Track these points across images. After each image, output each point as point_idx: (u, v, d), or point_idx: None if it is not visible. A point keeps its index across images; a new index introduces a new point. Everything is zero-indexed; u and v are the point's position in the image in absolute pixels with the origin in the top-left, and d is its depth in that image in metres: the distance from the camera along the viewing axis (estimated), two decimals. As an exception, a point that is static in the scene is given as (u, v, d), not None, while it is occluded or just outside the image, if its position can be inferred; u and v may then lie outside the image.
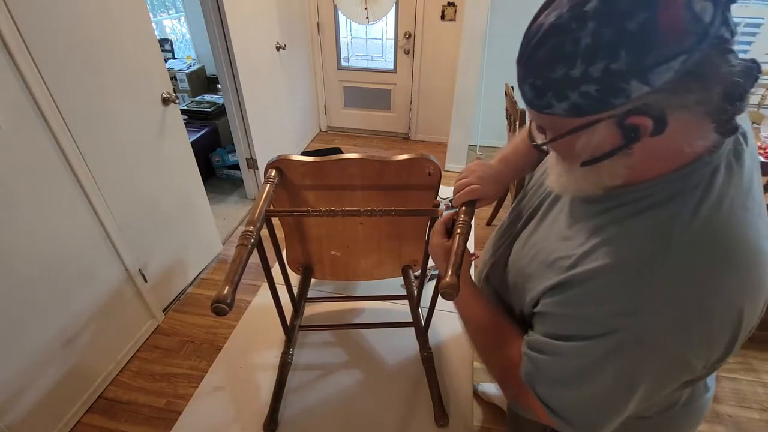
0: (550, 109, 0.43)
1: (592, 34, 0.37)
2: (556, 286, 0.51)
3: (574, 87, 0.40)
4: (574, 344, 0.48)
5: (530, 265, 0.58)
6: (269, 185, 0.78)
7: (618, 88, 0.38)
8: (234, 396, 0.88)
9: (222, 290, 0.53)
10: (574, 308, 0.49)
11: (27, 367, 1.32)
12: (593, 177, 0.48)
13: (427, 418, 0.83)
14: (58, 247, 1.37)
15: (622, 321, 0.45)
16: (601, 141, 0.44)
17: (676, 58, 0.36)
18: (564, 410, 0.52)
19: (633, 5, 0.36)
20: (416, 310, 1.01)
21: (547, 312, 0.53)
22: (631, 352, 0.45)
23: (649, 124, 0.40)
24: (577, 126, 0.43)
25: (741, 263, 0.43)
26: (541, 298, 0.54)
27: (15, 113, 1.19)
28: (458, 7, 3.14)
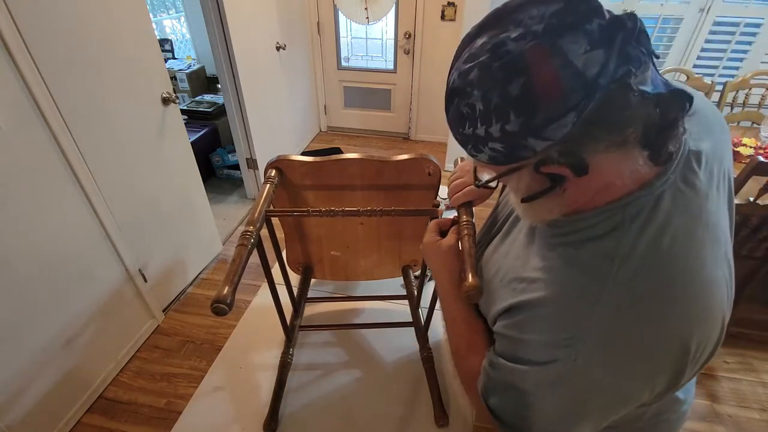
0: (475, 157, 0.44)
1: (481, 99, 0.39)
2: (509, 308, 0.52)
3: (483, 143, 0.41)
4: (520, 367, 0.49)
5: (492, 282, 0.59)
6: (269, 185, 0.78)
7: (520, 144, 0.39)
8: (234, 396, 0.88)
9: (222, 290, 0.53)
10: (520, 333, 0.50)
11: (27, 367, 1.32)
12: (532, 212, 0.50)
13: (427, 418, 0.83)
14: (58, 247, 1.37)
15: (560, 352, 0.45)
16: (529, 183, 0.45)
17: (566, 116, 0.36)
18: (513, 426, 0.53)
19: (508, 72, 0.37)
20: (416, 310, 1.02)
21: (500, 332, 0.54)
22: (570, 382, 0.45)
23: (567, 172, 0.41)
24: (500, 173, 0.46)
25: (682, 296, 0.43)
26: (498, 317, 0.55)
27: (15, 113, 1.19)
28: (458, 7, 3.14)
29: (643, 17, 0.48)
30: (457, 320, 0.66)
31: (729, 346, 1.85)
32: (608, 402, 0.46)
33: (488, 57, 0.38)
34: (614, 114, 0.37)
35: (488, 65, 0.38)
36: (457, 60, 0.43)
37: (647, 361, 0.43)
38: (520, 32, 0.37)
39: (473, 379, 0.59)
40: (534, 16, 0.37)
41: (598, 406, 0.47)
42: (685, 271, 0.43)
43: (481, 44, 0.40)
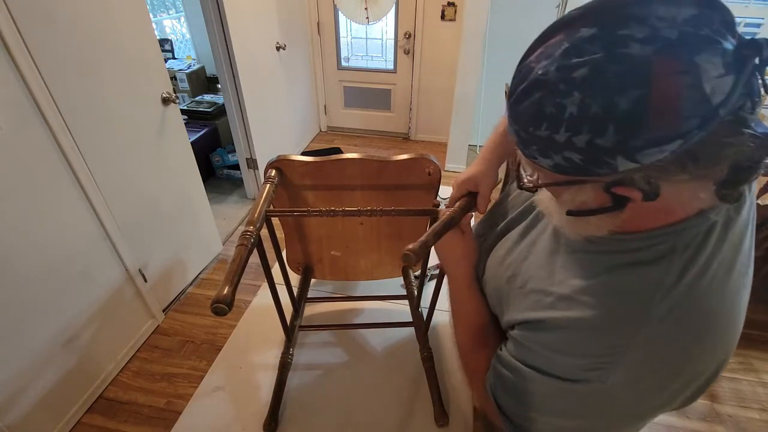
0: (534, 160, 0.40)
1: (578, 104, 0.33)
2: (533, 322, 0.51)
3: (557, 150, 0.36)
4: (541, 376, 0.49)
5: (507, 287, 0.58)
6: (269, 185, 0.78)
7: (603, 161, 0.34)
8: (234, 396, 0.88)
9: (222, 290, 0.53)
10: (547, 350, 0.49)
11: (27, 367, 1.32)
12: (576, 227, 0.46)
13: (427, 418, 0.83)
14: (58, 247, 1.37)
15: (591, 375, 0.45)
16: (588, 199, 0.41)
17: (671, 143, 0.32)
18: (520, 425, 0.54)
19: (625, 80, 0.32)
20: (416, 310, 1.01)
21: (520, 341, 0.53)
22: (593, 401, 0.46)
23: (638, 196, 0.37)
24: (563, 181, 0.41)
25: (715, 333, 0.42)
26: (516, 325, 0.54)
27: (15, 113, 1.19)
28: (458, 7, 3.14)
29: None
30: (469, 313, 0.66)
31: (729, 346, 1.85)
32: (624, 421, 0.48)
33: (604, 56, 0.32)
34: (716, 148, 0.33)
35: (603, 67, 0.32)
36: (544, 45, 0.37)
37: (668, 389, 0.44)
38: (647, 34, 0.31)
39: (480, 373, 0.60)
40: (663, 18, 0.31)
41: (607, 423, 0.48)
42: (719, 309, 0.42)
43: (590, 36, 0.33)
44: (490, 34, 3.11)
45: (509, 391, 0.54)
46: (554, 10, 3.01)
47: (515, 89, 0.39)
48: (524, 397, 0.52)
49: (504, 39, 3.17)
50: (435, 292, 0.84)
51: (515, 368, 0.52)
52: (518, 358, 0.52)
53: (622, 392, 0.44)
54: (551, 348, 0.48)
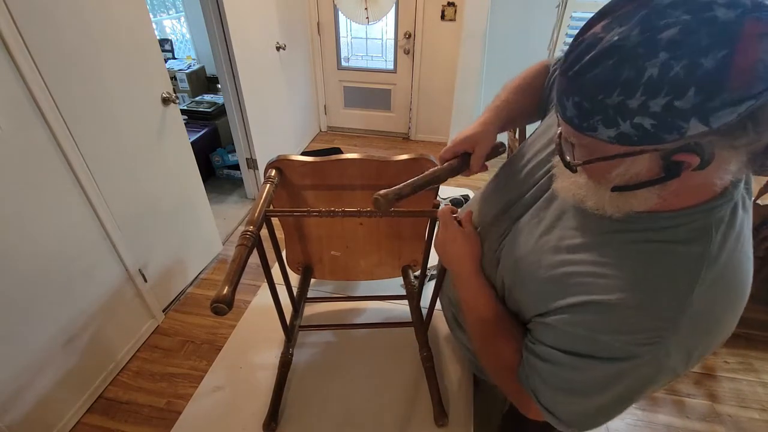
0: (592, 133, 0.40)
1: (660, 65, 0.34)
2: (576, 305, 0.50)
3: (627, 117, 0.37)
4: (587, 361, 0.50)
5: (532, 276, 0.57)
6: (269, 185, 0.78)
7: (675, 125, 0.35)
8: (234, 396, 0.88)
9: (221, 290, 0.52)
10: (593, 332, 0.49)
11: (27, 367, 1.33)
12: (621, 202, 0.46)
13: (427, 418, 0.83)
14: (58, 247, 1.37)
15: (642, 350, 0.46)
16: (640, 171, 0.42)
17: (743, 103, 0.33)
18: (563, 413, 0.54)
19: (712, 41, 0.33)
20: (416, 310, 1.01)
21: (558, 327, 0.52)
22: (645, 373, 0.48)
23: (695, 162, 0.38)
24: (619, 154, 0.41)
25: (741, 303, 0.47)
26: (551, 312, 0.53)
27: (15, 113, 1.19)
28: (458, 7, 3.14)
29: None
30: (482, 308, 0.65)
31: (729, 346, 1.85)
32: (664, 382, 0.50)
33: (692, 19, 0.33)
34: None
35: (692, 28, 0.33)
36: (611, 16, 0.38)
37: (707, 351, 0.48)
38: (728, 0, 0.33)
39: (506, 367, 0.60)
40: None
41: (655, 387, 0.50)
42: (746, 280, 0.47)
43: (671, 3, 0.35)
44: (490, 34, 3.11)
45: (550, 383, 0.54)
46: (554, 10, 3.01)
47: (578, 61, 0.39)
48: (568, 385, 0.52)
49: (504, 39, 3.17)
50: (435, 291, 0.84)
51: (555, 357, 0.52)
52: (557, 347, 0.52)
53: (670, 362, 0.46)
54: (598, 329, 0.48)
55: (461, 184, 3.13)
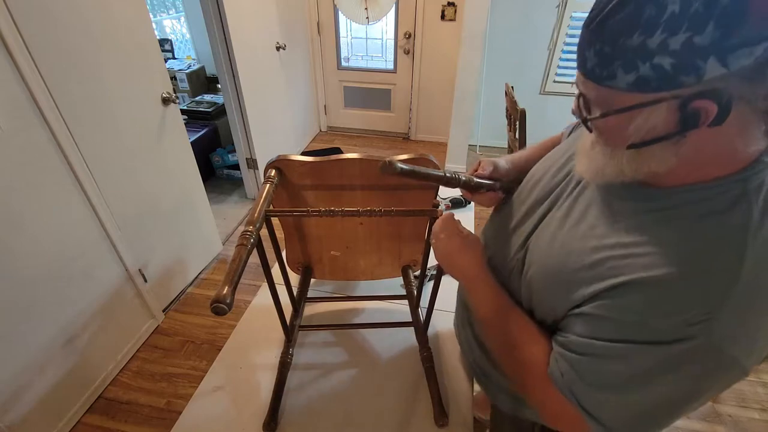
0: (612, 81, 0.41)
1: (681, 1, 0.35)
2: (616, 287, 0.47)
3: (647, 58, 0.38)
4: (632, 347, 0.46)
5: (564, 267, 0.54)
6: (269, 185, 0.78)
7: (694, 65, 0.36)
8: (234, 396, 0.88)
9: (221, 290, 0.53)
10: (637, 314, 0.46)
11: (27, 367, 1.32)
12: (639, 162, 0.46)
13: (427, 418, 0.83)
14: (58, 247, 1.37)
15: (693, 330, 0.43)
16: (657, 124, 0.42)
17: (760, 44, 0.34)
18: (608, 417, 0.49)
19: None
20: (416, 310, 1.02)
21: (596, 315, 0.49)
22: (699, 361, 0.44)
23: (713, 111, 0.38)
24: (637, 104, 0.41)
25: None
26: (589, 301, 0.50)
27: (15, 113, 1.19)
28: (458, 7, 3.14)
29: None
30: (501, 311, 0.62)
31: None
32: (726, 376, 0.45)
33: None
34: None
35: None
36: None
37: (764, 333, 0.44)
38: None
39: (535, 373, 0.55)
40: None
41: (712, 385, 0.45)
42: None
43: None
44: (490, 34, 3.11)
45: (592, 380, 0.49)
46: (554, 10, 3.01)
47: (602, 10, 0.40)
48: (613, 379, 0.47)
49: (504, 39, 3.17)
50: (434, 292, 0.84)
51: (595, 349, 0.48)
52: (597, 336, 0.48)
53: (730, 349, 0.43)
54: (642, 310, 0.45)
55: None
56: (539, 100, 3.39)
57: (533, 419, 0.72)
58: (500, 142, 3.59)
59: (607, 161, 0.49)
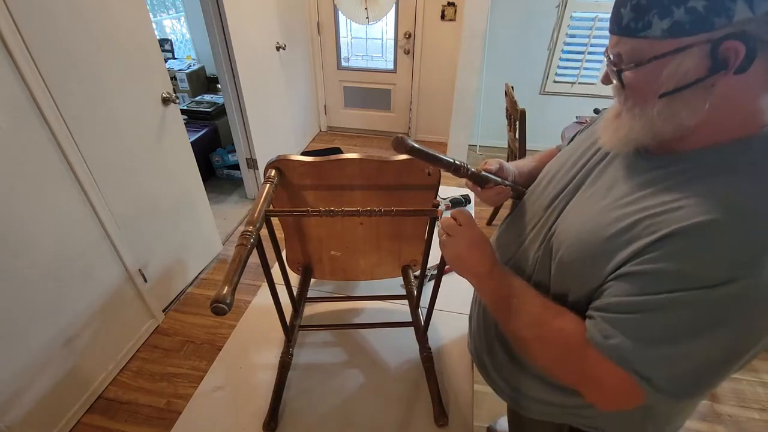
0: (647, 31, 0.45)
1: None
2: (649, 245, 0.47)
3: (681, 2, 0.42)
4: (681, 295, 0.45)
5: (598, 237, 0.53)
6: (269, 185, 0.78)
7: (724, 5, 0.40)
8: (234, 396, 0.88)
9: (221, 290, 0.52)
10: (681, 262, 0.45)
11: (27, 367, 1.33)
12: (670, 112, 0.48)
13: (427, 418, 0.83)
14: (58, 247, 1.37)
15: (740, 271, 0.42)
16: (689, 69, 0.45)
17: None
18: (661, 376, 0.47)
19: None
20: (416, 310, 1.02)
21: (638, 271, 0.48)
22: (746, 300, 0.43)
23: (742, 51, 0.42)
24: (672, 50, 0.45)
25: None
26: (624, 263, 0.49)
27: (15, 113, 1.19)
28: (458, 7, 3.14)
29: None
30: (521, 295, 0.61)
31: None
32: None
33: None
34: None
35: None
36: None
37: None
38: None
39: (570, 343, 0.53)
40: None
41: (762, 327, 0.45)
42: None
43: None
44: (490, 34, 3.11)
45: (642, 336, 0.47)
46: (554, 10, 3.01)
47: None
48: (666, 332, 0.46)
49: (504, 39, 3.17)
50: (434, 292, 0.84)
51: (643, 304, 0.47)
52: (640, 292, 0.47)
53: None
54: (686, 259, 0.45)
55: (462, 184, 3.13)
56: (539, 100, 3.39)
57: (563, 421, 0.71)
58: (500, 142, 3.58)
59: (636, 122, 0.51)
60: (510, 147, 2.38)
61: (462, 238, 0.65)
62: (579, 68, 3.22)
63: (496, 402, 1.60)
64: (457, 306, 1.08)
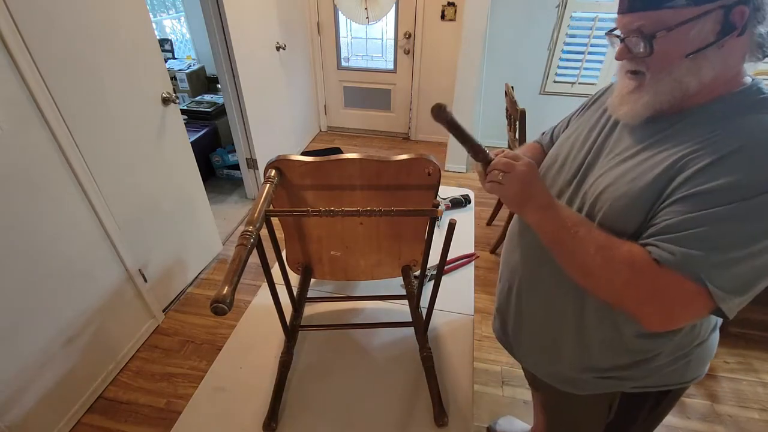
0: (672, 1, 0.52)
1: None
2: (696, 172, 0.54)
3: None
4: (748, 202, 0.50)
5: (640, 183, 0.59)
6: (269, 185, 0.78)
7: None
8: (234, 396, 0.88)
9: (221, 290, 0.52)
10: (740, 174, 0.51)
11: (27, 367, 1.33)
12: (696, 69, 0.56)
13: (427, 418, 0.83)
14: (58, 247, 1.37)
15: None
16: (707, 32, 0.53)
17: None
18: (725, 275, 0.52)
19: None
20: (416, 310, 1.01)
21: (696, 192, 0.53)
22: None
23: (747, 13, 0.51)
24: (694, 16, 0.52)
25: None
26: (675, 192, 0.56)
27: (15, 113, 1.19)
28: (458, 7, 3.14)
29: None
30: (585, 222, 0.64)
31: (729, 346, 1.85)
32: None
33: None
34: None
35: None
36: None
37: None
38: None
39: (638, 266, 0.56)
40: None
41: None
42: None
43: None
44: (490, 34, 3.11)
45: (706, 246, 0.52)
46: (554, 10, 3.01)
47: None
48: (731, 238, 0.51)
49: (504, 39, 3.17)
50: (434, 292, 0.84)
51: (703, 218, 0.52)
52: (703, 207, 0.52)
53: None
54: (745, 169, 0.51)
55: (462, 184, 3.13)
56: (539, 100, 3.39)
57: (618, 389, 0.78)
58: (500, 142, 3.58)
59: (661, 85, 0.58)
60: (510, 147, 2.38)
61: (523, 171, 0.66)
62: (579, 68, 3.22)
63: (496, 402, 1.61)
64: (457, 306, 1.08)
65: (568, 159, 0.75)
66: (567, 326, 0.77)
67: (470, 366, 0.94)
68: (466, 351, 0.97)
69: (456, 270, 1.20)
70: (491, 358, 1.79)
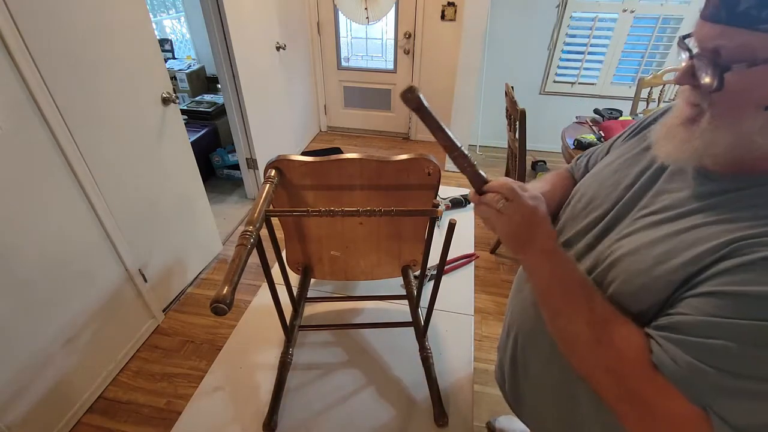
0: (753, 23, 0.37)
1: None
2: (748, 264, 0.40)
3: None
4: None
5: (672, 264, 0.45)
6: (269, 185, 0.78)
7: None
8: (234, 396, 0.88)
9: (221, 290, 0.52)
10: None
11: (27, 367, 1.33)
12: None
13: (427, 418, 0.83)
14: (58, 247, 1.37)
15: None
16: None
17: None
18: (737, 412, 0.40)
19: None
20: (416, 310, 1.01)
21: (731, 292, 0.40)
22: None
23: None
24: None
25: None
26: (707, 281, 0.42)
27: (15, 113, 1.19)
28: (458, 7, 3.14)
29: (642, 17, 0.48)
30: (586, 284, 0.52)
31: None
32: None
33: None
34: None
35: None
36: None
37: None
38: None
39: (630, 358, 0.45)
40: None
41: None
42: None
43: None
44: (490, 34, 3.11)
45: (719, 365, 0.39)
46: (554, 10, 3.01)
47: None
48: (756, 365, 0.38)
49: (504, 39, 3.17)
50: (434, 292, 0.84)
51: (727, 329, 0.39)
52: (732, 315, 0.39)
53: None
54: None
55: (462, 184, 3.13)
56: (539, 100, 3.39)
57: None
58: (500, 142, 3.59)
59: (720, 135, 0.43)
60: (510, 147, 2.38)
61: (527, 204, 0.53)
62: (579, 68, 3.22)
63: (496, 402, 1.61)
64: (457, 306, 1.08)
65: (593, 202, 0.60)
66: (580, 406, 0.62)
67: (470, 366, 0.94)
68: (466, 351, 0.97)
69: (456, 270, 1.20)
70: (491, 358, 1.79)
